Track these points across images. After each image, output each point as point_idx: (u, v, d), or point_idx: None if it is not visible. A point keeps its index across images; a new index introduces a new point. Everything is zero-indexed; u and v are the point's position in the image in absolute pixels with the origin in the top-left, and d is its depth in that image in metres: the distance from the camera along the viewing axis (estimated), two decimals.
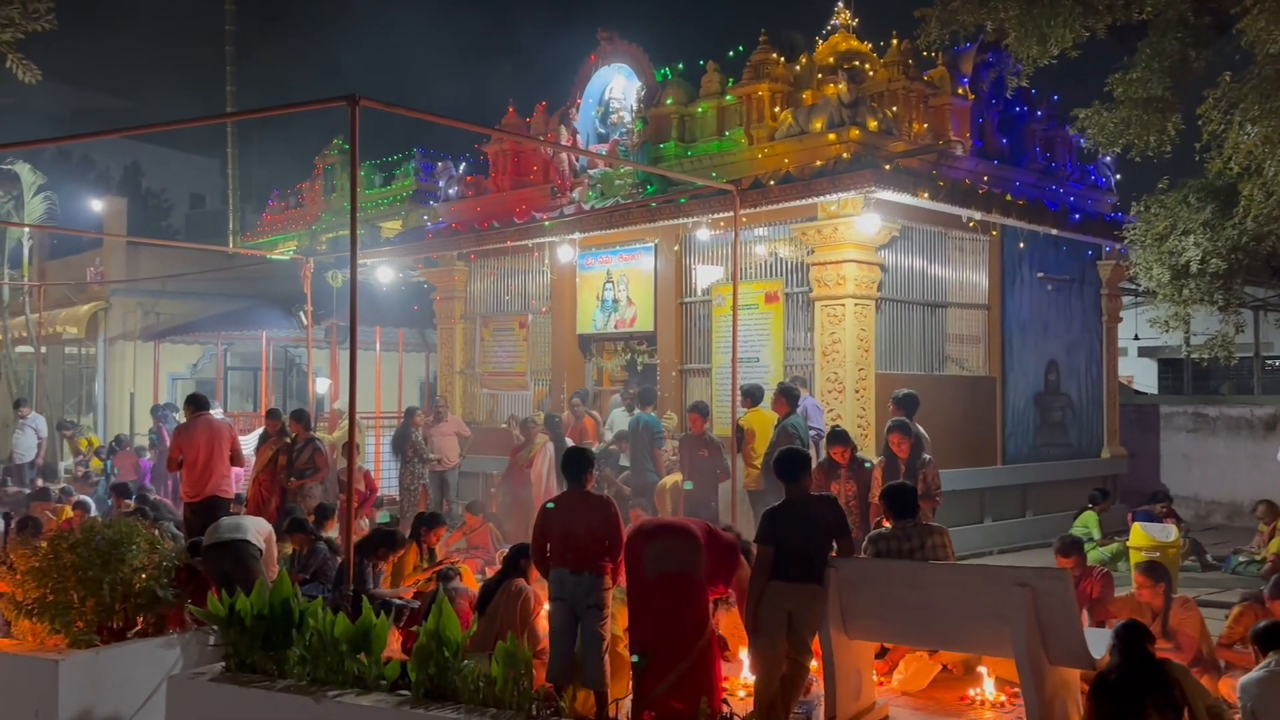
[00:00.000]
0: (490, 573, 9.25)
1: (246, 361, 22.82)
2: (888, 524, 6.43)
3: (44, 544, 6.91)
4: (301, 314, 16.17)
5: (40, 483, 14.08)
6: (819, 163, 11.43)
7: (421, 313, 18.90)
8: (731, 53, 13.67)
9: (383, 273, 16.76)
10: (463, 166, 18.00)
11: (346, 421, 13.56)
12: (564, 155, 14.90)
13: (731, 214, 10.41)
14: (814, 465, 8.39)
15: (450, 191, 17.42)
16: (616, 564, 5.75)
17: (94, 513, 11.35)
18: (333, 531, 9.17)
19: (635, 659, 5.41)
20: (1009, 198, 12.74)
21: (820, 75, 12.59)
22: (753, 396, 10.46)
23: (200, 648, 6.65)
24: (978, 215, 12.44)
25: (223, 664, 6.06)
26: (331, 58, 46.72)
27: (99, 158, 35.62)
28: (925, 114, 12.80)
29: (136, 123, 19.28)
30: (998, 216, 12.72)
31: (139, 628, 6.80)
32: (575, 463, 5.96)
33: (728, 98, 13.22)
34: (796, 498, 5.71)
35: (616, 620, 6.02)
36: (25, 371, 22.58)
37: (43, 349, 21.64)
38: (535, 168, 15.54)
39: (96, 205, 23.65)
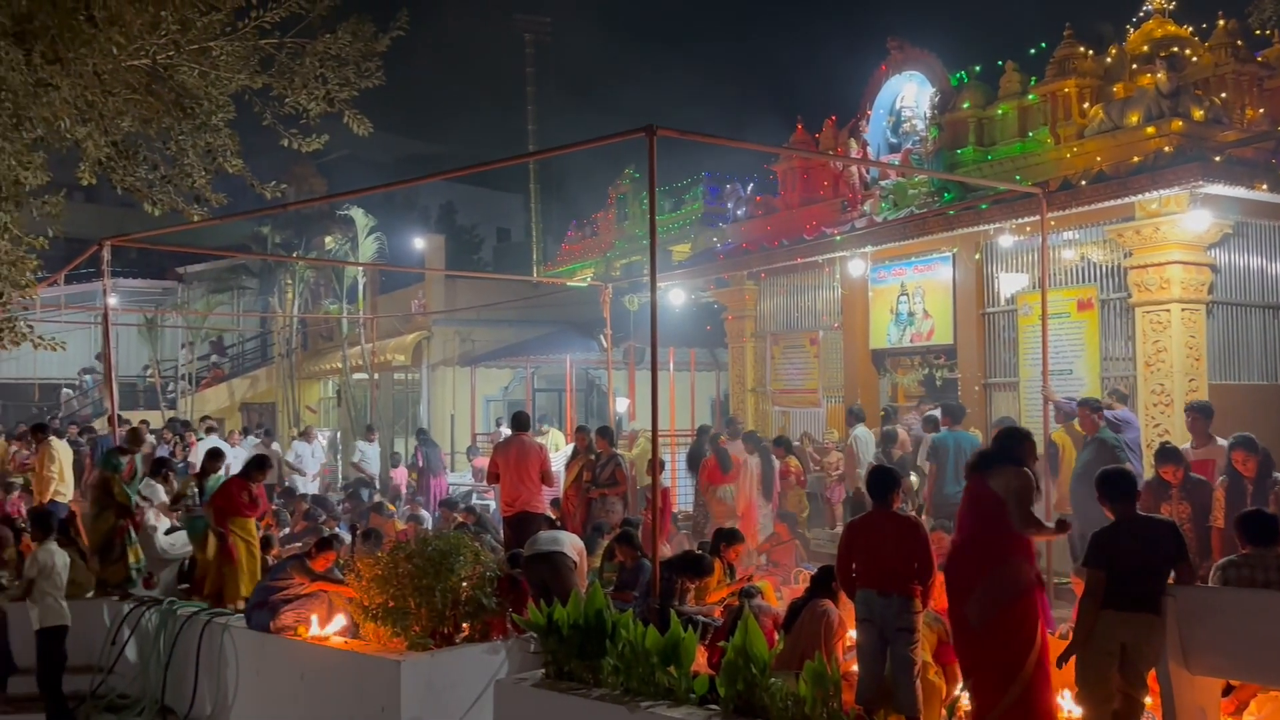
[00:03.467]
0: (787, 591, 9.24)
1: (552, 383, 24.09)
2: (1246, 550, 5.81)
3: (384, 554, 7.55)
4: (601, 337, 16.86)
5: (377, 498, 15.42)
6: (1136, 159, 10.62)
7: (713, 332, 19.22)
8: (1032, 50, 13.05)
9: (675, 295, 17.17)
10: (751, 187, 18.17)
11: (642, 439, 14.04)
12: (854, 168, 14.70)
13: (1038, 218, 9.86)
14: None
15: (739, 212, 17.62)
16: (927, 587, 5.56)
17: (426, 525, 12.32)
18: None
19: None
20: None
21: (1134, 65, 11.74)
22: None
23: (522, 654, 7.03)
24: None
25: (542, 671, 6.36)
26: (621, 89, 48.67)
27: (419, 199, 38.88)
28: (1260, 98, 11.60)
29: (450, 165, 20.89)
30: None
31: (466, 634, 7.28)
32: (881, 482, 5.81)
33: (1030, 97, 12.60)
34: (1128, 519, 5.30)
35: (926, 646, 5.81)
36: (361, 397, 24.95)
37: (375, 376, 23.83)
38: (825, 183, 15.44)
39: (419, 243, 25.87)
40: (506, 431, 15.96)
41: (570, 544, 7.86)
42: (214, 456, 9.99)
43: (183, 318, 29.66)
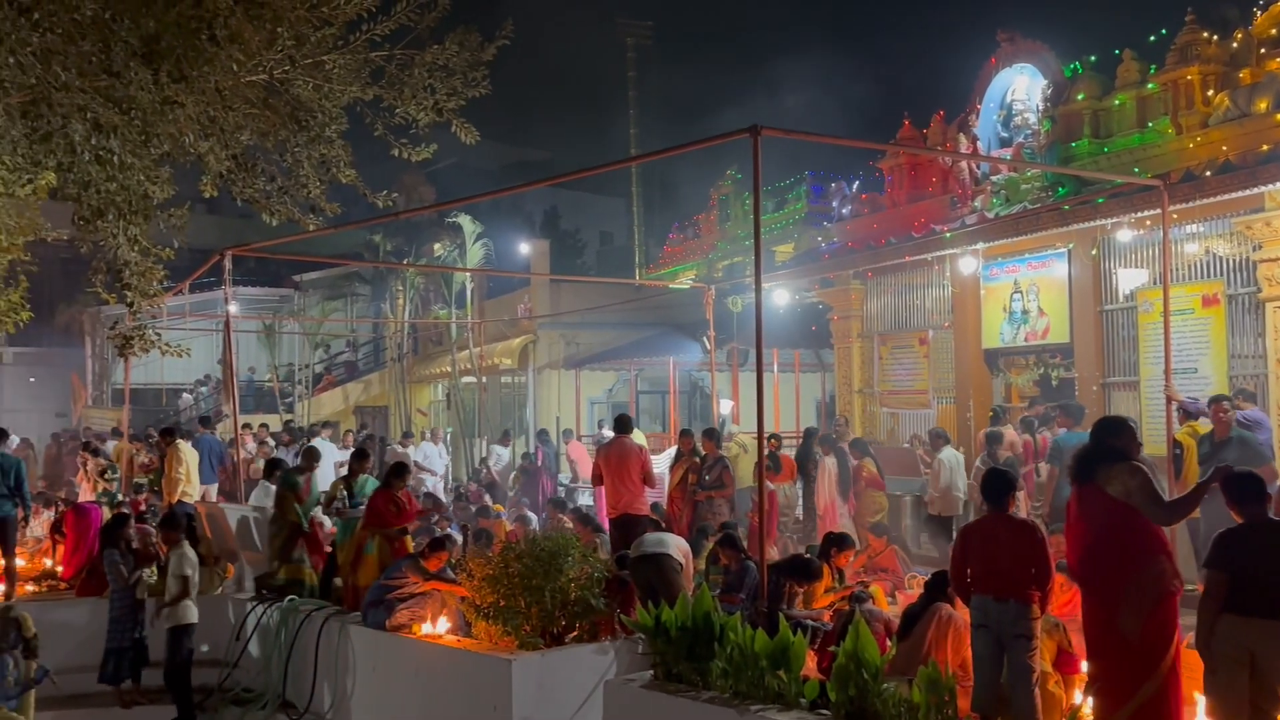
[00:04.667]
0: (901, 596, 9.08)
1: (655, 385, 24.15)
2: None
3: (495, 554, 7.65)
4: (704, 339, 16.83)
5: (487, 499, 15.65)
6: (1265, 147, 10.16)
7: (817, 333, 19.01)
8: (1151, 37, 12.60)
9: (779, 295, 17.03)
10: (856, 184, 17.93)
11: (733, 445, 13.89)
12: (964, 164, 14.41)
13: (1159, 211, 9.49)
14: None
15: (844, 211, 17.42)
16: (1045, 592, 5.40)
17: (534, 526, 12.45)
18: None
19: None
20: None
21: (1262, 50, 11.26)
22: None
23: (630, 655, 7.04)
24: None
25: (651, 672, 6.37)
26: (723, 89, 48.54)
27: (524, 205, 39.42)
28: None
29: (554, 171, 21.18)
30: None
31: (575, 634, 7.33)
32: (996, 485, 5.67)
33: (1149, 86, 12.18)
34: (1258, 523, 5.06)
35: (1046, 654, 5.64)
36: (470, 400, 25.39)
37: (483, 379, 24.21)
38: (934, 179, 15.17)
39: (524, 248, 26.21)
40: (608, 433, 16.05)
41: (676, 546, 7.85)
42: (360, 457, 10.08)
43: (299, 324, 30.63)
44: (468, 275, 23.97)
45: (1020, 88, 14.29)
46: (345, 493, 9.53)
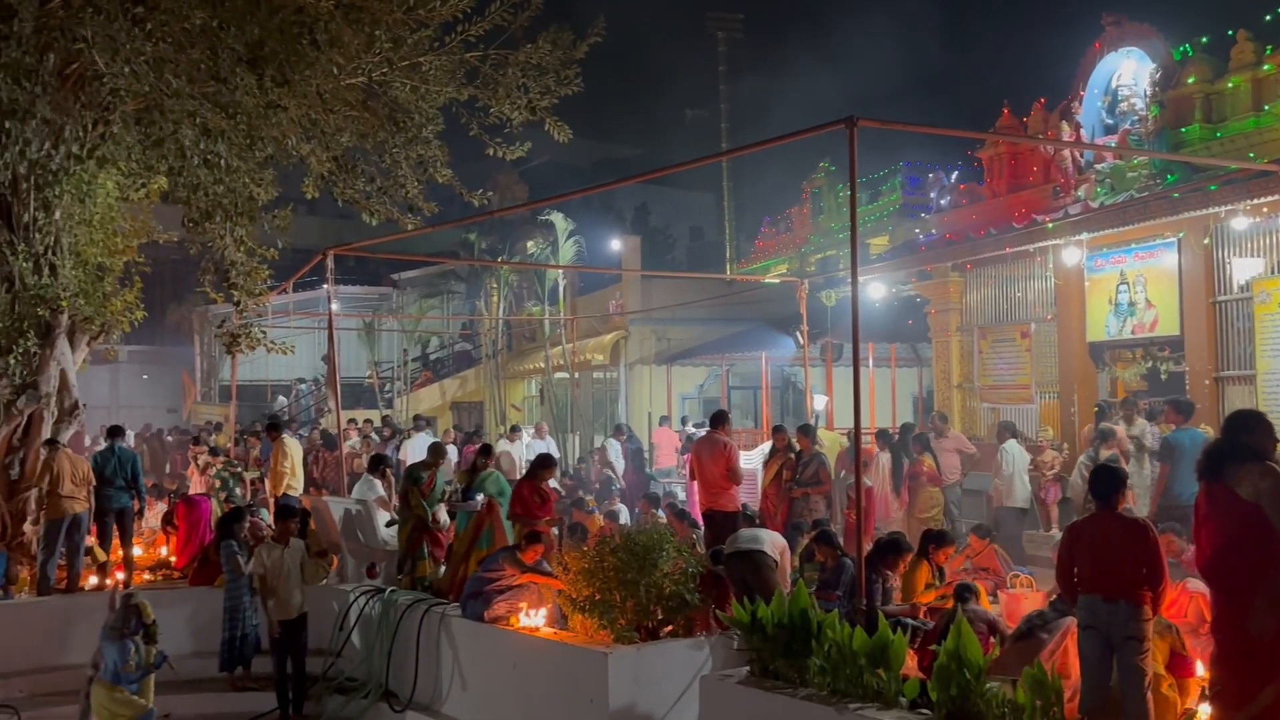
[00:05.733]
0: (1003, 595, 8.85)
1: (746, 381, 24.01)
2: None
3: (590, 548, 7.69)
4: (797, 334, 16.67)
5: (581, 493, 15.74)
6: None
7: (914, 327, 18.68)
8: (1268, 16, 12.10)
9: (874, 289, 16.78)
10: (954, 175, 17.57)
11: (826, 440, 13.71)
12: (1067, 152, 14.02)
13: (1276, 197, 9.11)
14: None
15: (942, 202, 17.11)
16: (1157, 593, 5.22)
17: (624, 520, 12.49)
18: None
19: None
20: None
21: None
22: None
23: (725, 651, 7.02)
24: None
25: (747, 668, 6.33)
26: (815, 79, 47.99)
27: (615, 201, 39.55)
28: None
29: (644, 167, 21.19)
30: None
31: (670, 628, 7.33)
32: (1105, 482, 5.49)
33: (1265, 67, 11.70)
34: None
35: (1159, 656, 5.45)
36: (562, 395, 25.60)
37: (576, 375, 24.40)
38: (1035, 168, 14.81)
39: (615, 245, 26.31)
40: (692, 430, 16.03)
41: (771, 542, 7.79)
42: (485, 453, 10.19)
43: (398, 322, 31.24)
44: (560, 272, 24.16)
45: (1126, 72, 13.84)
46: (459, 487, 9.67)
